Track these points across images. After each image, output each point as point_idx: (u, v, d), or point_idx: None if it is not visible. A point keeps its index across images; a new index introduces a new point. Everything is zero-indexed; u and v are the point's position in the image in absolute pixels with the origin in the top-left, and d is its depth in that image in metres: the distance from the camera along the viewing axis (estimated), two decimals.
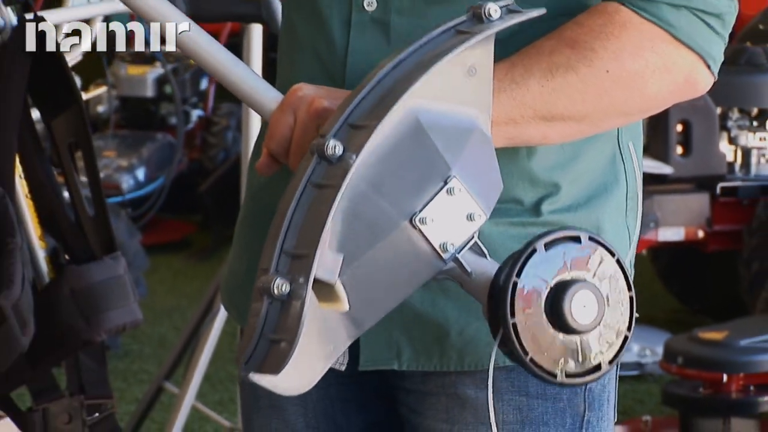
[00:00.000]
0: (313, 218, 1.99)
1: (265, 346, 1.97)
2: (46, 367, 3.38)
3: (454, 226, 2.04)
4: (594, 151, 2.36)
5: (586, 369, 2.03)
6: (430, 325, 2.32)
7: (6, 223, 3.21)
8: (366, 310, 2.01)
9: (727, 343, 4.96)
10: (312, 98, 2.12)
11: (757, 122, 6.24)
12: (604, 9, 2.21)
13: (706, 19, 2.22)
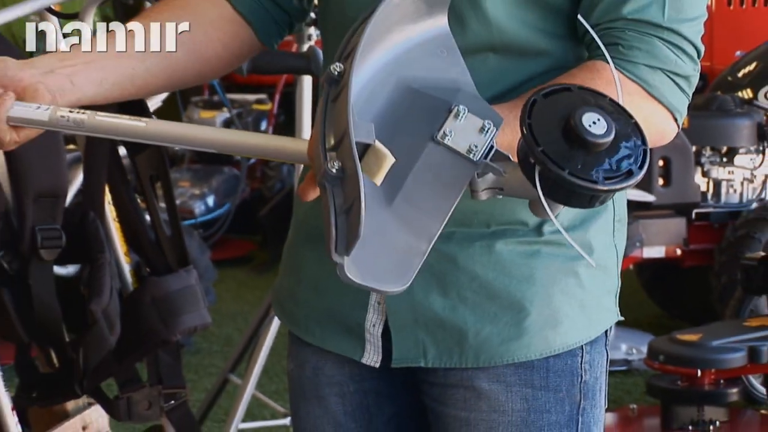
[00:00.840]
0: (339, 113, 1.98)
1: (342, 223, 1.95)
2: (130, 362, 3.37)
3: (472, 138, 2.01)
4: None
5: (620, 174, 1.99)
6: (450, 328, 2.30)
7: (97, 241, 3.20)
8: (429, 219, 1.98)
9: (701, 343, 4.94)
10: None
11: (726, 158, 6.23)
12: (593, 65, 2.19)
13: (676, 80, 2.21)
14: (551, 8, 2.26)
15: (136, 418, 3.42)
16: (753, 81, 7.28)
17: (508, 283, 2.31)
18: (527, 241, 2.32)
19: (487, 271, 2.28)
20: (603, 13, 2.21)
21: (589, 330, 2.38)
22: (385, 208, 2.02)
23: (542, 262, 2.33)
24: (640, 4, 2.19)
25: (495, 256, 2.30)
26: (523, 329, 2.32)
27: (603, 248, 2.40)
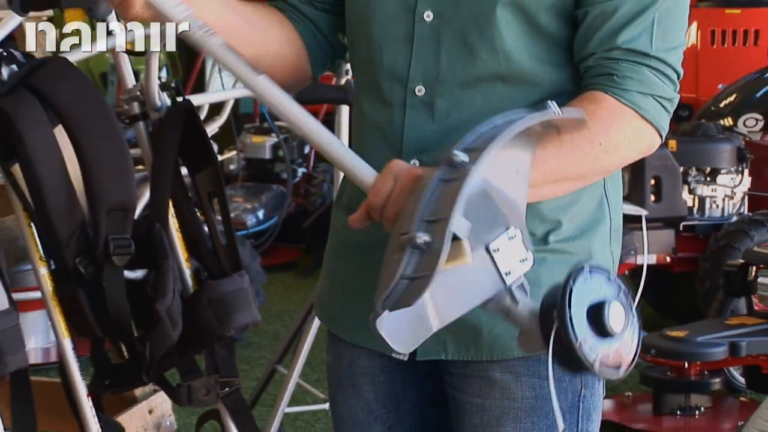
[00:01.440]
0: (447, 196, 1.98)
1: (402, 286, 1.96)
2: (190, 354, 3.37)
3: (512, 263, 2.02)
4: (586, 198, 2.36)
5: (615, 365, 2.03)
6: (467, 326, 2.30)
7: (162, 249, 3.21)
8: (447, 309, 1.98)
9: (688, 339, 4.93)
10: (409, 168, 2.10)
11: (709, 178, 6.22)
12: (593, 96, 2.21)
13: (662, 103, 2.24)
14: (554, 40, 2.26)
15: (195, 403, 3.42)
16: (733, 110, 7.29)
17: None
18: (535, 249, 2.31)
19: None
20: (599, 43, 2.22)
21: None
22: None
23: (548, 267, 2.33)
24: (632, 35, 2.20)
25: None
26: None
27: (601, 254, 2.40)
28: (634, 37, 2.21)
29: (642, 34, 2.21)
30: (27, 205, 3.14)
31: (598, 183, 2.38)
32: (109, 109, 3.27)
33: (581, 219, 2.36)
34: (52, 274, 3.18)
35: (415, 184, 2.06)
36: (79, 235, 3.13)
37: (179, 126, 3.37)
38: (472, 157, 2.02)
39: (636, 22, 2.21)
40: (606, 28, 2.22)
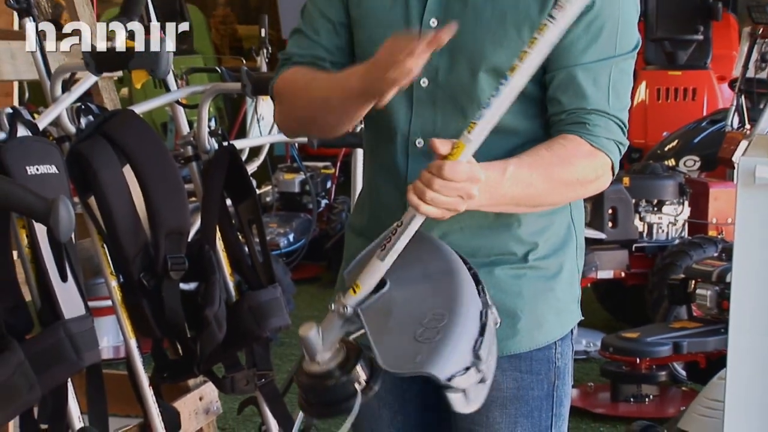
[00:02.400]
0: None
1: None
2: (233, 351, 3.36)
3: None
4: (557, 224, 2.35)
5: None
6: None
7: (210, 265, 3.20)
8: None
9: (639, 340, 4.92)
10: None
11: (656, 208, 6.21)
12: (565, 137, 2.21)
13: (619, 146, 2.25)
14: (528, 97, 2.24)
15: (237, 392, 3.40)
16: (675, 153, 7.29)
17: (504, 298, 2.29)
18: (517, 267, 2.32)
19: (489, 289, 2.26)
20: (569, 103, 2.21)
21: (561, 329, 2.37)
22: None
23: (528, 281, 2.32)
24: (596, 97, 2.20)
25: (494, 278, 2.29)
26: (516, 330, 2.31)
27: (570, 269, 2.39)
28: (598, 99, 2.20)
29: (602, 98, 2.21)
30: (100, 230, 3.13)
31: (566, 212, 2.36)
32: (168, 152, 3.26)
33: (553, 241, 2.35)
34: (120, 286, 3.18)
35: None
36: (143, 255, 3.12)
37: (225, 166, 3.37)
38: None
39: (597, 87, 2.21)
40: (573, 92, 2.21)
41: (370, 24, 2.31)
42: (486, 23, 2.21)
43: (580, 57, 2.20)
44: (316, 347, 2.08)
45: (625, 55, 2.24)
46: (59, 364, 2.71)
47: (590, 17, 2.19)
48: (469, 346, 1.99)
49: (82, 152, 3.06)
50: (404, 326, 2.02)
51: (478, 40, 2.22)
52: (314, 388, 2.10)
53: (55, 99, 3.15)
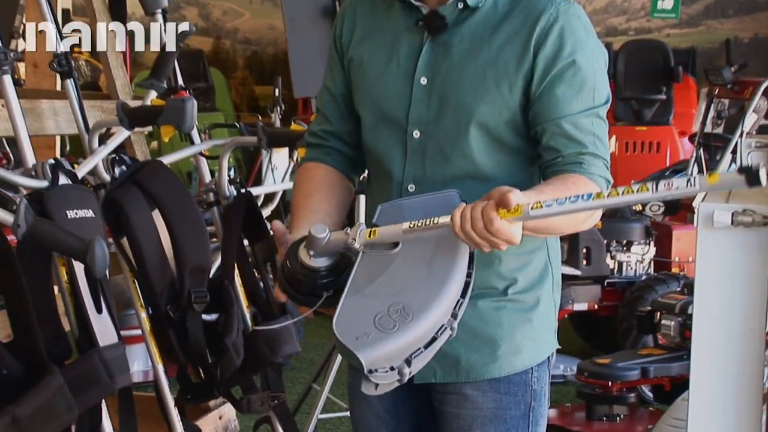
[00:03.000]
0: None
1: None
2: (249, 376, 3.35)
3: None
4: (534, 262, 2.34)
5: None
6: (450, 357, 2.28)
7: (229, 299, 3.19)
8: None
9: (611, 365, 4.90)
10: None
11: (625, 248, 6.20)
12: (567, 175, 2.19)
13: (608, 183, 2.24)
14: (509, 148, 2.25)
15: (253, 411, 3.39)
16: None
17: (486, 328, 2.29)
18: (497, 299, 2.31)
19: (472, 320, 2.26)
20: (566, 147, 2.19)
21: (538, 356, 2.36)
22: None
23: (507, 313, 2.31)
24: (586, 142, 2.20)
25: (477, 310, 2.28)
26: (496, 356, 2.30)
27: (546, 302, 2.37)
28: (588, 143, 2.20)
29: (591, 142, 2.21)
30: (132, 267, 3.13)
31: (543, 251, 2.36)
32: (192, 198, 3.27)
33: (531, 277, 2.34)
34: (149, 317, 3.17)
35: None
36: (170, 289, 3.11)
37: (242, 210, 3.37)
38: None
39: (585, 133, 2.21)
40: (566, 139, 2.20)
41: (367, 84, 2.33)
42: (469, 79, 2.21)
43: (567, 109, 2.20)
44: (318, 246, 2.05)
45: (603, 106, 2.24)
46: (94, 387, 2.71)
47: (573, 71, 2.19)
48: (407, 353, 1.94)
49: (116, 198, 3.07)
50: (376, 299, 1.97)
51: (463, 95, 2.22)
52: (298, 276, 2.09)
53: (92, 151, 3.16)
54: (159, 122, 3.17)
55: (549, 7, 2.21)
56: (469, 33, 2.23)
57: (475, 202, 1.98)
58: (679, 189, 1.85)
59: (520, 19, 2.21)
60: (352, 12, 2.38)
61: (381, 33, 2.30)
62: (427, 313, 1.97)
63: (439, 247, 2.04)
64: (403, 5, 2.28)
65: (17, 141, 2.95)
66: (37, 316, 2.66)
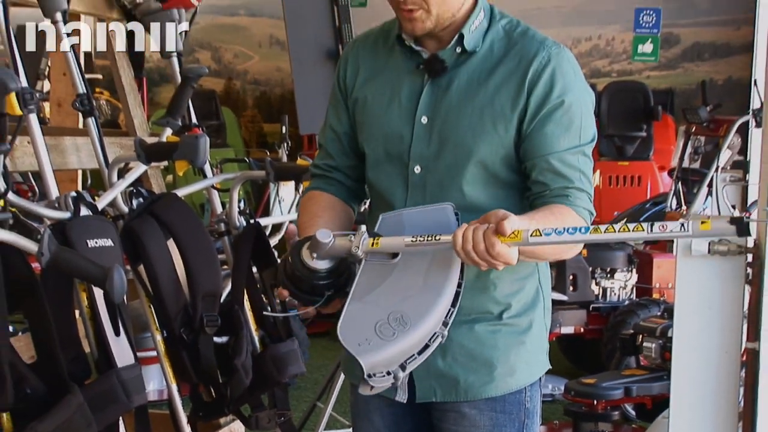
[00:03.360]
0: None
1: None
2: (258, 394, 3.34)
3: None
4: (527, 288, 2.34)
5: None
6: (449, 378, 2.28)
7: (239, 322, 3.19)
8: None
9: (596, 385, 4.88)
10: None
11: (609, 275, 6.19)
12: (554, 206, 2.19)
13: (592, 215, 2.25)
14: (502, 182, 2.25)
15: (261, 428, 3.38)
16: None
17: (483, 350, 2.28)
18: (493, 323, 2.30)
19: (470, 343, 2.25)
20: (555, 182, 2.20)
21: (531, 377, 2.35)
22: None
23: (503, 336, 2.30)
24: (573, 177, 2.21)
25: (474, 333, 2.27)
26: (493, 377, 2.29)
27: (539, 326, 2.37)
28: (575, 178, 2.21)
29: (577, 177, 2.21)
30: (148, 293, 3.13)
31: (535, 278, 2.36)
32: (204, 228, 3.27)
33: (524, 302, 2.34)
34: (164, 339, 3.17)
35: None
36: (183, 313, 3.11)
37: (251, 239, 3.37)
38: None
39: (572, 169, 2.22)
40: (554, 174, 2.21)
41: (371, 123, 2.33)
42: (467, 119, 2.22)
43: (555, 146, 2.20)
44: (321, 250, 2.05)
45: (588, 144, 2.25)
46: (112, 405, 2.70)
47: (562, 111, 2.20)
48: (403, 359, 1.97)
49: (134, 228, 3.07)
50: (376, 308, 1.99)
51: (461, 134, 2.22)
52: (298, 274, 2.08)
53: (111, 184, 3.16)
54: (174, 157, 3.18)
55: (541, 50, 2.22)
56: (466, 75, 2.24)
57: (474, 223, 1.99)
58: (673, 232, 1.86)
59: (514, 62, 2.22)
60: (355, 56, 2.39)
61: (383, 75, 2.31)
62: (422, 322, 1.98)
63: (435, 260, 2.05)
64: (404, 49, 2.29)
65: (42, 175, 2.95)
66: (59, 338, 2.65)
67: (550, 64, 2.21)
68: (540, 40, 2.24)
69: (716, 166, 6.63)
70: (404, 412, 2.37)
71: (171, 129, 3.42)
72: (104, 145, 3.28)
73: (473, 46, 2.25)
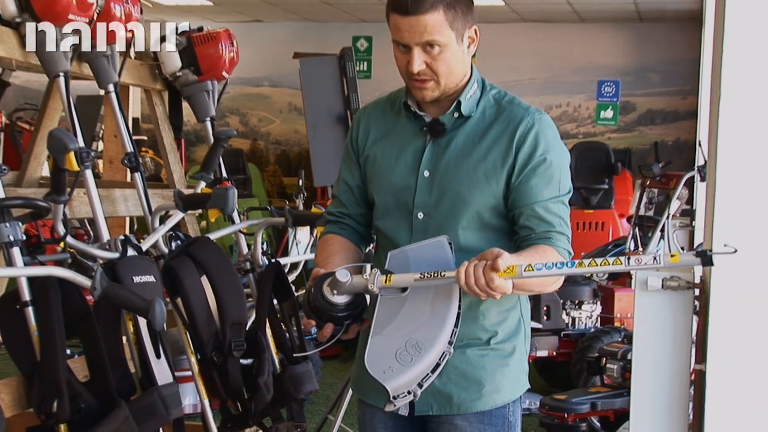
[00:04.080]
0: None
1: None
2: (277, 409, 3.31)
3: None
4: (510, 318, 2.32)
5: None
6: (444, 395, 2.26)
7: (261, 347, 3.17)
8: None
9: (567, 400, 4.84)
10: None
11: (577, 306, 6.17)
12: (538, 245, 2.19)
13: (570, 254, 2.24)
14: (492, 227, 2.25)
15: None
16: None
17: (473, 371, 2.27)
18: (482, 348, 2.29)
19: (462, 365, 2.24)
20: (539, 227, 2.19)
21: (513, 394, 2.33)
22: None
23: (490, 359, 2.29)
24: (555, 222, 2.20)
25: (466, 356, 2.26)
26: (481, 394, 2.28)
27: (520, 350, 2.35)
28: (556, 224, 2.21)
29: (558, 222, 2.21)
30: (184, 321, 3.12)
31: (517, 310, 2.35)
32: (233, 266, 3.26)
33: (509, 330, 2.32)
34: (198, 361, 3.15)
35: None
36: (214, 339, 3.10)
37: (272, 276, 3.36)
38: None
39: (553, 216, 2.23)
40: (538, 220, 2.22)
41: (380, 176, 2.34)
42: (464, 173, 2.23)
43: (539, 196, 2.21)
44: (341, 287, 2.06)
45: (566, 195, 2.26)
46: (154, 418, 2.68)
47: (545, 167, 2.21)
48: (420, 379, 1.98)
49: (173, 267, 3.06)
50: (394, 338, 2.00)
51: (458, 186, 2.23)
52: (322, 307, 2.10)
53: (154, 229, 3.17)
54: (207, 206, 3.18)
55: (527, 116, 2.23)
56: (463, 136, 2.26)
57: (474, 260, 2.00)
58: (647, 264, 1.86)
59: (503, 125, 2.24)
60: (366, 119, 2.40)
61: (391, 135, 2.32)
62: (433, 346, 1.99)
63: (438, 290, 2.06)
64: (409, 114, 2.31)
65: (95, 221, 2.96)
66: (109, 360, 2.65)
67: (535, 127, 2.22)
68: (525, 108, 2.26)
69: (667, 213, 6.65)
70: (404, 423, 2.35)
71: (205, 182, 3.43)
72: (148, 196, 3.28)
73: (469, 111, 2.26)
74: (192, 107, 3.56)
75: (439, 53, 2.17)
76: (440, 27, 2.14)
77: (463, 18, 2.18)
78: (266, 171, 13.00)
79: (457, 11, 2.16)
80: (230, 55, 3.48)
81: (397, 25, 2.16)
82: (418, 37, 2.14)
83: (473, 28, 2.22)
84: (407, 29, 2.14)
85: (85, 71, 3.07)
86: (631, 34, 12.14)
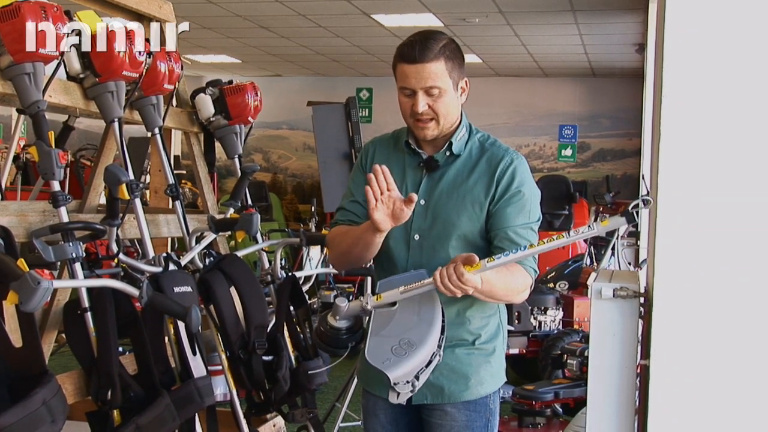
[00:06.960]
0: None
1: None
2: (293, 397, 3.29)
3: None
4: (491, 323, 2.33)
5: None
6: (437, 387, 2.26)
7: (281, 346, 3.15)
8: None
9: (535, 390, 4.83)
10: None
11: (543, 312, 6.16)
12: (514, 265, 2.17)
13: (536, 272, 2.26)
14: (477, 246, 2.25)
15: (296, 421, 3.33)
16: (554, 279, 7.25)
17: (461, 367, 2.27)
18: (468, 348, 2.29)
19: (452, 362, 2.24)
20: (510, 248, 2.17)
21: (494, 386, 2.33)
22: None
23: (475, 357, 2.29)
24: (523, 245, 2.16)
25: (455, 355, 2.26)
26: (468, 386, 2.28)
27: (500, 350, 2.36)
28: (525, 246, 2.17)
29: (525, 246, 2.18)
30: (216, 324, 3.10)
31: (497, 316, 2.35)
32: (256, 279, 3.26)
33: (490, 332, 2.32)
34: (227, 358, 3.13)
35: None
36: (241, 339, 3.08)
37: (289, 287, 3.35)
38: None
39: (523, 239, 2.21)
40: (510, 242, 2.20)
41: None
42: (454, 201, 2.24)
43: (512, 222, 2.21)
44: (341, 313, 2.07)
45: (536, 222, 2.27)
46: (190, 404, 2.68)
47: (518, 198, 2.22)
48: (416, 371, 1.97)
49: (206, 279, 3.06)
50: (390, 337, 1.99)
51: (449, 213, 2.24)
52: (326, 333, 2.10)
53: (191, 248, 3.17)
54: (235, 229, 3.18)
55: (506, 156, 2.26)
56: (453, 171, 2.27)
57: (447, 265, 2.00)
58: (584, 233, 1.89)
59: (487, 164, 2.26)
60: (374, 150, 2.40)
61: (394, 168, 2.31)
62: (424, 344, 1.99)
63: (422, 301, 2.06)
64: (409, 151, 2.32)
65: (142, 241, 2.96)
66: (153, 356, 2.65)
67: (512, 165, 2.24)
68: (505, 149, 2.29)
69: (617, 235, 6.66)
70: (402, 410, 2.35)
71: (233, 209, 3.43)
72: (186, 220, 3.29)
73: (458, 150, 2.28)
74: (223, 146, 3.56)
75: (439, 96, 2.18)
76: (441, 74, 2.15)
77: (458, 70, 2.19)
78: (284, 199, 13.01)
79: (454, 63, 2.18)
80: (255, 103, 3.50)
81: (405, 73, 2.16)
82: (422, 82, 2.15)
83: (465, 80, 2.24)
84: (414, 75, 2.15)
85: (136, 117, 3.09)
86: (587, 86, 12.23)
